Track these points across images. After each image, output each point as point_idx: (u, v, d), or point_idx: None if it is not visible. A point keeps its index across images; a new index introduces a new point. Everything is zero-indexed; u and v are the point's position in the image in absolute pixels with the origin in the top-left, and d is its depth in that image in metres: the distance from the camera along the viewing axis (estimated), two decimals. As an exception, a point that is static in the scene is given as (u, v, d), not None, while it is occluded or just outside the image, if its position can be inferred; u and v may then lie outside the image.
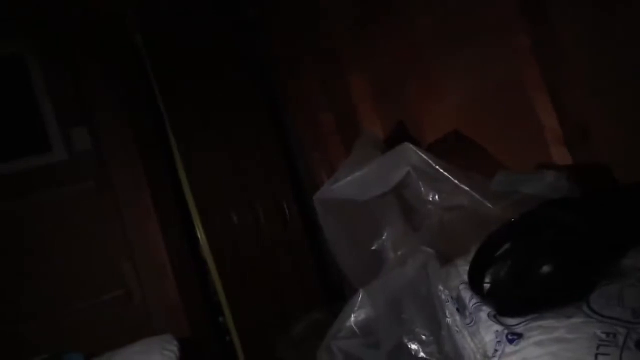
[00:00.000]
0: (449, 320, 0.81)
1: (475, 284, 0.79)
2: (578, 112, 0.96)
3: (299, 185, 2.33)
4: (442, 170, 0.96)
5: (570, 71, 0.95)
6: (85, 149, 2.07)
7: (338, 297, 2.08)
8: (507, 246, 0.79)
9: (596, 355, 0.58)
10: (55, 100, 2.06)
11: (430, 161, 0.97)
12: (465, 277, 0.83)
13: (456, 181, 0.95)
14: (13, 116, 2.05)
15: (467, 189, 0.93)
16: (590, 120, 0.95)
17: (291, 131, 2.34)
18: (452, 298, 0.81)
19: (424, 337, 0.93)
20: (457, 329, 0.78)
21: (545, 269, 0.69)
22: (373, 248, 1.10)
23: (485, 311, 0.75)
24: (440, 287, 0.84)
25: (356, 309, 0.97)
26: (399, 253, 1.07)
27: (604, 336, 0.59)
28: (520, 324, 0.69)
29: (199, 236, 2.13)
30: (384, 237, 1.10)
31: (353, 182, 1.05)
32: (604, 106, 0.92)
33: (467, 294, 0.80)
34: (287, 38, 2.05)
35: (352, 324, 0.97)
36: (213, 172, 2.15)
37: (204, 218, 2.10)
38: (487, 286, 0.79)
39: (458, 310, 0.79)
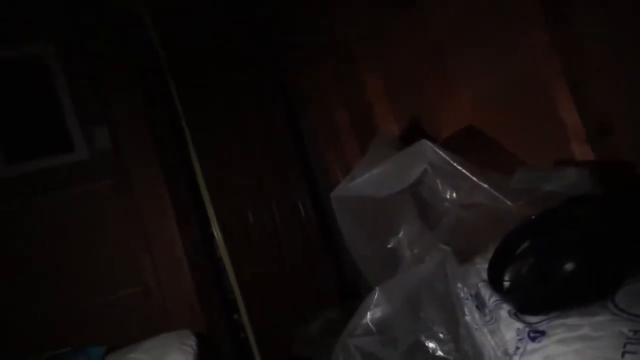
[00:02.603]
0: (467, 318, 0.80)
1: (495, 281, 0.78)
2: (600, 108, 0.94)
3: (314, 184, 2.33)
4: (459, 167, 0.95)
5: (592, 67, 0.93)
6: (105, 147, 2.11)
7: (353, 295, 2.07)
8: (527, 244, 0.78)
9: (623, 353, 0.56)
10: (76, 100, 2.10)
11: (447, 158, 0.96)
12: (484, 275, 0.82)
13: (474, 178, 0.93)
14: (36, 116, 2.10)
15: (485, 185, 0.92)
16: (612, 116, 0.93)
17: (306, 130, 2.35)
18: (471, 295, 0.81)
19: (441, 335, 0.92)
20: (476, 326, 0.78)
21: (568, 266, 0.68)
22: (389, 246, 1.09)
23: (505, 309, 0.74)
24: (459, 285, 0.83)
25: (372, 306, 0.97)
26: (416, 251, 1.06)
27: (631, 334, 0.58)
28: (542, 321, 0.68)
29: (215, 234, 2.15)
30: (400, 235, 1.09)
31: (370, 179, 1.04)
32: (627, 102, 0.90)
33: (486, 292, 0.79)
34: (302, 37, 2.05)
35: (368, 321, 0.96)
36: (229, 170, 2.17)
37: (220, 216, 2.12)
38: (506, 284, 0.78)
39: (477, 307, 0.78)
